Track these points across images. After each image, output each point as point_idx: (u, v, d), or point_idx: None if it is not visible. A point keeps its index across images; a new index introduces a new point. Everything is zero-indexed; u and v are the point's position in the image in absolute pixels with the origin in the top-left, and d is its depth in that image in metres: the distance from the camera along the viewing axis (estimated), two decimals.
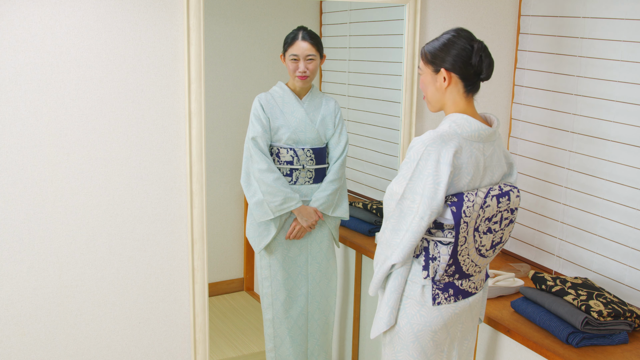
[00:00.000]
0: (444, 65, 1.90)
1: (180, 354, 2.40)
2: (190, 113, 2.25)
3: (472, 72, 1.90)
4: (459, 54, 1.88)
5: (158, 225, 2.29)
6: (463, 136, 1.87)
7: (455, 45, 1.89)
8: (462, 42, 1.89)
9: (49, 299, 2.16)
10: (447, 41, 1.90)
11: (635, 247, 2.44)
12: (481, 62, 1.89)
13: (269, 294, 2.78)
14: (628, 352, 2.12)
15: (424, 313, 1.92)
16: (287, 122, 2.70)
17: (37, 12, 2.00)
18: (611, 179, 2.52)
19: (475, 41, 1.90)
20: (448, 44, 1.90)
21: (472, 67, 1.89)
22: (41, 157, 2.07)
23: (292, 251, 2.79)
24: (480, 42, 1.90)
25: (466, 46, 1.88)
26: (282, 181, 2.65)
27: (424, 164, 1.83)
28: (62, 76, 2.06)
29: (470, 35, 1.91)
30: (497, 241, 2.00)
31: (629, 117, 2.44)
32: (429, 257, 1.92)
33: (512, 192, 1.97)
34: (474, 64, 1.89)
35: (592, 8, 2.57)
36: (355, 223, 3.07)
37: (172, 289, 2.35)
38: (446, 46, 1.90)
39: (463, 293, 1.97)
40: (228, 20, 2.98)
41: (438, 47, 1.92)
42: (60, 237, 2.14)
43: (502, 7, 2.91)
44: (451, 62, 1.89)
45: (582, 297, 2.21)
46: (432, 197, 1.81)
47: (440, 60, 1.91)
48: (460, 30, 1.92)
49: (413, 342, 1.94)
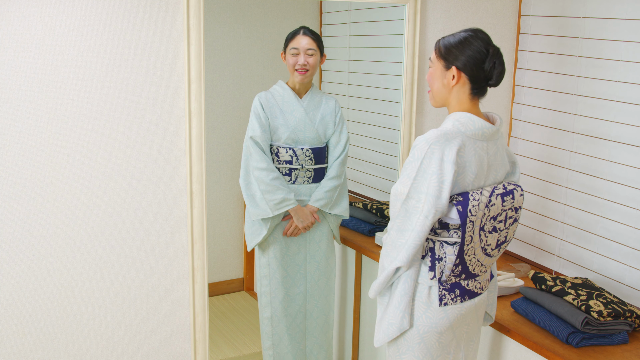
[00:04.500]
0: (456, 63, 1.89)
1: (180, 354, 2.40)
2: (190, 113, 2.25)
3: (482, 76, 1.89)
4: (473, 55, 1.87)
5: (158, 225, 2.28)
6: (467, 134, 1.86)
7: (471, 46, 1.87)
8: (478, 44, 1.87)
9: (49, 299, 2.16)
10: (463, 39, 1.88)
11: (635, 247, 2.44)
12: (494, 68, 1.88)
13: (268, 292, 2.79)
14: (628, 352, 2.12)
15: (430, 314, 1.91)
16: (287, 122, 2.70)
17: (37, 12, 2.00)
18: (611, 179, 2.52)
19: (491, 46, 1.88)
20: (464, 42, 1.88)
21: (484, 72, 1.88)
22: (41, 157, 2.07)
23: (291, 249, 2.79)
24: (496, 47, 1.89)
25: (482, 49, 1.87)
26: (281, 180, 2.66)
27: (427, 162, 1.82)
28: (62, 76, 2.06)
29: (487, 38, 1.90)
30: (502, 240, 1.99)
31: (629, 117, 2.44)
32: (435, 257, 1.91)
33: (516, 190, 1.97)
34: (486, 69, 1.87)
35: (592, 8, 2.57)
36: (355, 223, 3.07)
37: (172, 289, 2.35)
38: (462, 44, 1.88)
39: (469, 293, 1.96)
40: (228, 20, 2.98)
41: (454, 43, 1.89)
42: (60, 237, 2.14)
43: (502, 7, 2.91)
44: (463, 62, 1.88)
45: (582, 297, 2.21)
46: (437, 196, 1.81)
47: (453, 57, 1.89)
48: (479, 32, 1.90)
49: (419, 344, 1.93)
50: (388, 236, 1.93)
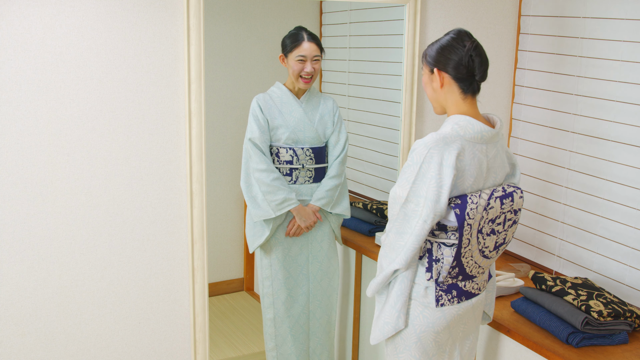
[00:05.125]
0: (437, 65, 1.90)
1: (180, 354, 2.40)
2: (190, 113, 2.25)
3: (465, 73, 1.88)
4: (450, 54, 1.87)
5: (158, 225, 2.28)
6: (466, 138, 1.86)
7: (448, 46, 1.88)
8: (454, 43, 1.88)
9: (49, 299, 2.16)
10: (443, 41, 1.90)
11: (635, 247, 2.44)
12: (472, 61, 1.87)
13: (270, 293, 2.78)
14: (628, 352, 2.11)
15: (427, 314, 1.92)
16: (286, 122, 2.70)
17: (37, 12, 2.00)
18: (612, 179, 2.52)
19: (467, 41, 1.88)
20: (443, 44, 1.89)
21: (464, 68, 1.87)
22: (41, 157, 2.07)
23: (292, 250, 2.79)
24: (472, 41, 1.88)
25: (457, 46, 1.87)
26: (281, 181, 2.66)
27: (426, 166, 1.81)
28: (62, 76, 2.06)
29: (465, 36, 1.89)
30: (500, 242, 1.99)
31: (629, 117, 2.44)
32: (432, 258, 1.91)
33: (516, 193, 1.97)
34: (465, 64, 1.87)
35: (592, 8, 2.57)
36: (355, 223, 3.07)
37: (172, 289, 2.35)
38: (441, 47, 1.90)
39: (466, 294, 1.96)
40: (228, 20, 2.98)
41: (434, 48, 1.92)
42: (60, 237, 2.14)
43: (502, 7, 2.91)
44: (443, 62, 1.89)
45: (582, 297, 2.21)
46: (436, 201, 1.80)
47: (434, 60, 1.91)
48: (458, 31, 1.91)
49: (415, 343, 1.94)
50: (387, 237, 1.93)
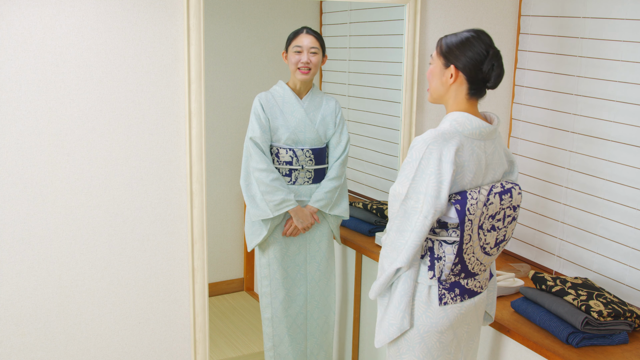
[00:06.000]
0: (456, 63, 1.90)
1: (180, 354, 2.40)
2: (190, 113, 2.25)
3: (480, 78, 1.89)
4: (473, 56, 1.88)
5: (158, 225, 2.28)
6: (464, 134, 1.87)
7: (472, 47, 1.88)
8: (479, 46, 1.88)
9: (49, 299, 2.16)
10: (465, 40, 1.89)
11: (635, 247, 2.44)
12: (492, 70, 1.88)
13: (268, 292, 2.79)
14: (628, 352, 2.12)
15: (430, 314, 1.92)
16: (287, 122, 2.70)
17: (37, 12, 2.00)
18: (611, 179, 2.52)
19: (492, 48, 1.89)
20: (466, 42, 1.89)
21: (482, 73, 1.89)
22: (41, 157, 2.07)
23: (291, 250, 2.79)
24: (496, 50, 1.89)
25: (482, 51, 1.88)
26: (281, 181, 2.66)
27: (426, 163, 1.82)
28: (62, 76, 2.06)
29: (489, 40, 1.90)
30: (500, 239, 2.00)
31: (629, 117, 2.44)
32: (434, 257, 1.91)
33: (514, 189, 1.98)
34: (484, 71, 1.88)
35: (592, 8, 2.57)
36: (355, 223, 3.07)
37: (172, 289, 2.35)
38: (463, 44, 1.89)
39: (469, 292, 1.96)
40: (228, 20, 2.98)
41: (455, 43, 1.90)
42: (60, 237, 2.14)
43: (502, 7, 2.91)
44: (463, 62, 1.89)
45: (582, 297, 2.21)
46: (436, 196, 1.81)
47: (453, 56, 1.90)
48: (481, 33, 1.91)
49: (419, 344, 1.93)
50: (387, 237, 1.93)
